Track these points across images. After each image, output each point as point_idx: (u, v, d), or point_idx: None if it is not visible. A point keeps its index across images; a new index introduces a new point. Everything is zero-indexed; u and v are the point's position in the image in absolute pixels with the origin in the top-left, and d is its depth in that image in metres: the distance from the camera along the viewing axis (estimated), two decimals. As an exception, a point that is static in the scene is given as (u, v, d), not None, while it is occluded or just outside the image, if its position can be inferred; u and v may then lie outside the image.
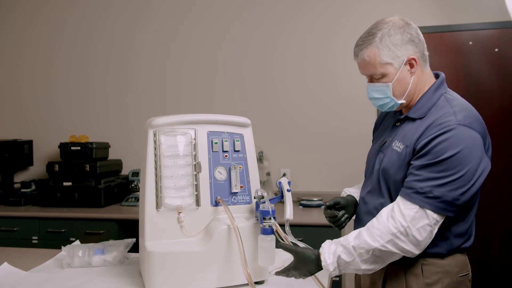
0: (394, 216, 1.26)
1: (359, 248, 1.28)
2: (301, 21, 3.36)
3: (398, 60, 1.35)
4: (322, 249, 1.33)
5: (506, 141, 3.02)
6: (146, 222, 1.45)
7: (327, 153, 3.30)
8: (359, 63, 1.42)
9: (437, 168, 1.24)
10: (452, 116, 1.28)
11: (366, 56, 1.37)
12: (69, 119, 3.70)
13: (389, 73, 1.36)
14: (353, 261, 1.29)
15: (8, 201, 3.26)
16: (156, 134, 1.48)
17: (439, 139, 1.25)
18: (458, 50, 3.15)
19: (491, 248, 3.11)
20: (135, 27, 3.61)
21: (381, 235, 1.26)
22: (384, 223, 1.26)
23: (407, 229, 1.24)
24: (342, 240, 1.32)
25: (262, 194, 1.42)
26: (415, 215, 1.24)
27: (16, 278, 1.59)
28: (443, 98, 1.37)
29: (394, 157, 1.36)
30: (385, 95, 1.38)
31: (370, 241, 1.26)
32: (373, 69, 1.37)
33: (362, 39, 1.39)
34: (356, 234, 1.31)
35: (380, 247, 1.26)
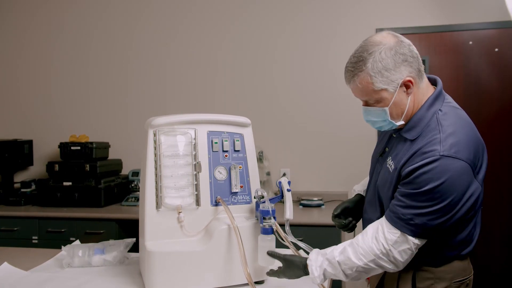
0: (378, 237, 1.28)
1: (343, 264, 1.31)
2: (301, 21, 3.36)
3: (393, 84, 1.27)
4: (310, 261, 1.35)
5: (506, 141, 3.02)
6: (146, 222, 1.45)
7: (327, 153, 3.30)
8: (351, 89, 1.35)
9: (419, 198, 1.23)
10: (438, 146, 1.22)
11: (359, 83, 1.29)
12: (69, 119, 3.70)
13: (385, 98, 1.29)
14: (338, 273, 1.32)
15: (8, 201, 3.26)
16: (156, 134, 1.48)
17: (422, 170, 1.22)
18: (458, 50, 3.15)
19: (491, 248, 3.11)
20: (135, 27, 3.61)
21: (365, 254, 1.28)
22: (368, 243, 1.29)
23: (388, 252, 1.26)
24: (328, 253, 1.34)
25: (262, 194, 1.42)
26: (397, 240, 1.26)
27: (16, 278, 1.59)
28: (434, 118, 1.30)
29: (386, 176, 1.36)
30: (382, 118, 1.33)
31: (354, 259, 1.29)
32: (367, 95, 1.31)
33: (352, 65, 1.31)
34: (341, 249, 1.33)
35: (362, 265, 1.29)
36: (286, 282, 1.51)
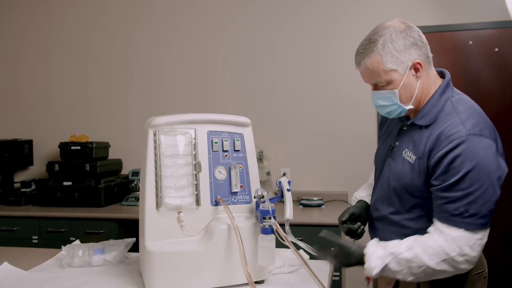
0: (446, 238, 1.23)
1: (411, 262, 1.24)
2: (301, 21, 3.36)
3: (403, 66, 1.31)
4: (368, 250, 1.30)
5: (506, 141, 3.01)
6: (146, 221, 1.45)
7: (327, 153, 3.30)
8: (361, 72, 1.37)
9: (461, 186, 1.21)
10: (461, 126, 1.25)
11: (369, 65, 1.32)
12: (69, 118, 3.70)
13: (395, 79, 1.32)
14: (400, 271, 1.26)
15: (8, 201, 3.26)
16: (156, 133, 1.48)
17: (453, 154, 1.22)
18: (458, 50, 3.15)
19: (491, 248, 3.09)
20: (135, 27, 3.61)
21: (436, 254, 1.23)
22: (438, 242, 1.24)
23: (461, 250, 1.22)
24: (391, 247, 1.28)
25: (262, 193, 1.42)
26: (463, 235, 1.22)
27: (16, 277, 1.59)
28: (449, 103, 1.33)
29: (407, 168, 1.34)
30: (392, 102, 1.34)
31: (425, 258, 1.23)
32: (377, 77, 1.33)
33: (363, 47, 1.34)
34: (408, 245, 1.27)
35: (434, 265, 1.23)
36: (286, 282, 1.51)
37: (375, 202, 1.50)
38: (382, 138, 1.57)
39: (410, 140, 1.37)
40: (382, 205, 1.45)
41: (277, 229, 1.40)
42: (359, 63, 1.36)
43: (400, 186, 1.37)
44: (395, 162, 1.41)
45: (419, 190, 1.32)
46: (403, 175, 1.35)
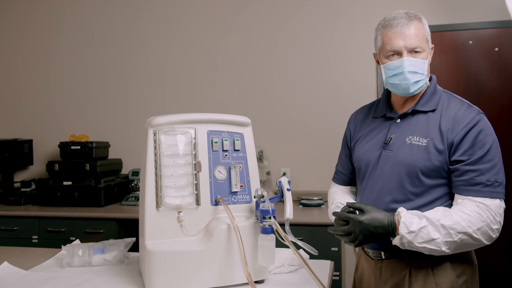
0: (481, 207, 1.29)
1: (450, 228, 1.26)
2: (301, 21, 3.36)
3: (430, 42, 1.44)
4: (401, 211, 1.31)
5: (506, 141, 3.02)
6: (146, 221, 1.45)
7: (327, 153, 3.30)
8: (402, 34, 1.39)
9: (488, 157, 1.32)
10: (472, 108, 1.38)
11: (414, 28, 1.39)
12: (69, 118, 3.70)
13: (426, 50, 1.42)
14: (437, 239, 1.26)
15: (8, 201, 3.26)
16: (156, 133, 1.48)
17: (476, 129, 1.33)
18: (458, 49, 3.15)
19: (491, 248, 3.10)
20: (135, 27, 3.61)
21: (473, 222, 1.27)
22: (475, 210, 1.28)
23: (495, 217, 1.29)
24: (426, 213, 1.29)
25: (262, 193, 1.42)
26: (495, 204, 1.30)
27: (16, 277, 1.59)
28: (444, 93, 1.45)
29: (419, 151, 1.37)
30: (423, 71, 1.41)
31: (464, 224, 1.26)
32: (419, 41, 1.40)
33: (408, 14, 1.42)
34: (443, 213, 1.28)
35: (472, 233, 1.26)
36: (286, 282, 1.51)
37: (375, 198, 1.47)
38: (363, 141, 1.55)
39: (414, 128, 1.42)
40: (385, 199, 1.43)
41: (277, 229, 1.40)
42: (404, 24, 1.39)
43: (415, 170, 1.37)
44: (398, 151, 1.41)
45: (436, 170, 1.36)
46: (417, 159, 1.37)
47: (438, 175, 1.36)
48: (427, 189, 1.37)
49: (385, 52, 1.42)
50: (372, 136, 1.53)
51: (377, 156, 1.47)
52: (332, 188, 1.74)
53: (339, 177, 1.72)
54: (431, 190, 1.37)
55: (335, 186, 1.73)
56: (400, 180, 1.40)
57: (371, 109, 1.61)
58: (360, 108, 1.69)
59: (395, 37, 1.39)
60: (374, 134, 1.53)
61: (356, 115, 1.67)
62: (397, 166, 1.40)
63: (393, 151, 1.42)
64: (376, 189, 1.47)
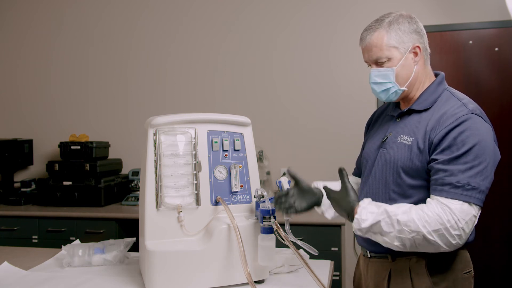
0: (444, 209, 1.23)
1: (404, 225, 1.23)
2: (301, 20, 3.36)
3: (404, 46, 1.38)
4: (362, 202, 1.31)
5: (506, 140, 3.02)
6: (146, 221, 1.45)
7: (328, 152, 3.30)
8: (364, 48, 1.42)
9: (466, 159, 1.25)
10: (463, 107, 1.32)
11: (374, 39, 1.39)
12: (69, 118, 3.70)
13: (394, 57, 1.38)
14: (389, 233, 1.25)
15: (8, 200, 3.26)
16: (156, 133, 1.48)
17: (458, 129, 1.27)
18: (458, 49, 3.15)
19: (491, 248, 3.11)
20: (135, 26, 3.61)
21: (430, 222, 1.22)
22: (435, 211, 1.23)
23: (457, 223, 1.21)
24: (387, 207, 1.28)
25: (262, 193, 1.42)
26: (462, 208, 1.23)
27: (16, 277, 1.59)
28: (446, 92, 1.41)
29: (403, 150, 1.36)
30: (388, 79, 1.39)
31: (419, 224, 1.22)
32: (379, 51, 1.38)
33: (370, 25, 1.42)
34: (404, 209, 1.26)
35: (426, 234, 1.21)
36: (286, 282, 1.51)
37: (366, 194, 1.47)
38: (370, 139, 1.58)
39: (406, 127, 1.41)
40: (377, 194, 1.43)
41: (277, 229, 1.40)
42: (364, 38, 1.41)
43: (397, 168, 1.37)
44: (389, 149, 1.42)
45: (417, 170, 1.33)
46: (399, 157, 1.37)
47: (419, 175, 1.34)
48: (410, 190, 1.35)
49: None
50: (377, 135, 1.54)
51: (375, 154, 1.48)
52: None
53: (355, 170, 1.75)
54: (414, 191, 1.35)
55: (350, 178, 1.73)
56: (386, 179, 1.40)
57: (388, 107, 1.61)
58: (382, 105, 1.70)
59: (363, 51, 1.44)
60: (378, 132, 1.54)
61: (375, 112, 1.68)
62: (386, 165, 1.41)
63: (387, 149, 1.43)
64: (367, 188, 1.49)
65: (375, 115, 1.67)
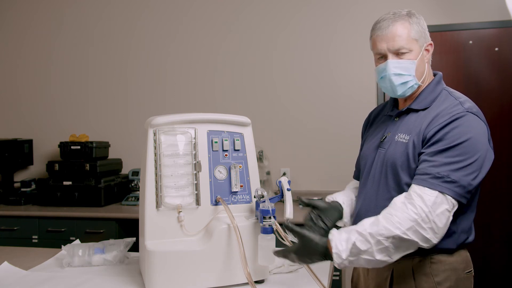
0: (414, 202, 1.22)
1: (377, 234, 1.20)
2: (301, 20, 3.36)
3: (423, 40, 1.40)
4: (332, 235, 1.25)
5: (506, 140, 3.02)
6: (146, 221, 1.45)
7: (328, 152, 3.30)
8: (383, 36, 1.39)
9: (452, 153, 1.25)
10: (460, 106, 1.33)
11: (400, 27, 1.37)
12: (69, 118, 3.70)
13: (415, 50, 1.38)
14: (368, 249, 1.21)
15: (8, 200, 3.26)
16: (156, 133, 1.48)
17: (451, 125, 1.28)
18: (458, 49, 3.15)
19: (491, 248, 3.11)
20: (135, 26, 3.61)
21: (401, 222, 1.20)
22: (403, 209, 1.22)
23: (428, 215, 1.20)
24: (355, 227, 1.24)
25: (262, 193, 1.42)
26: (435, 200, 1.21)
27: (16, 277, 1.59)
28: (444, 92, 1.42)
29: (400, 148, 1.37)
30: (409, 72, 1.38)
31: (390, 227, 1.20)
32: (402, 42, 1.37)
33: (390, 15, 1.40)
34: (372, 221, 1.24)
35: (401, 234, 1.19)
36: (287, 282, 1.51)
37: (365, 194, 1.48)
38: (368, 139, 1.58)
39: (404, 126, 1.41)
40: (376, 194, 1.43)
41: (277, 229, 1.40)
42: (386, 27, 1.39)
43: (395, 168, 1.37)
44: (388, 148, 1.42)
45: (412, 168, 1.33)
46: (397, 155, 1.37)
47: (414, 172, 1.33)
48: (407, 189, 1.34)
49: (374, 56, 1.46)
50: (375, 135, 1.54)
51: (374, 154, 1.48)
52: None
53: (355, 173, 1.73)
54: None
55: (350, 182, 1.73)
56: (386, 178, 1.40)
57: (384, 107, 1.62)
58: (377, 106, 1.70)
59: (379, 40, 1.40)
60: (376, 132, 1.54)
61: (371, 114, 1.68)
62: (385, 163, 1.41)
63: (385, 149, 1.43)
64: (368, 187, 1.48)
65: (371, 116, 1.67)
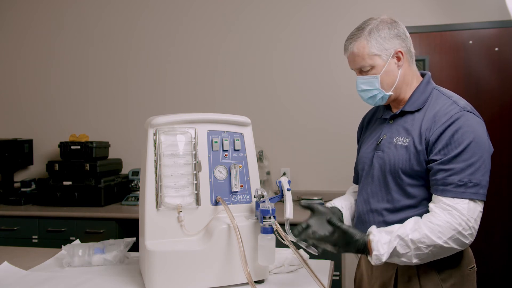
0: (452, 213, 1.25)
1: (418, 242, 1.24)
2: (301, 20, 3.36)
3: (386, 53, 1.40)
4: (373, 236, 1.29)
5: (506, 140, 3.02)
6: (146, 221, 1.45)
7: (328, 152, 3.30)
8: (348, 57, 1.46)
9: (464, 157, 1.27)
10: (455, 105, 1.34)
11: (356, 49, 1.42)
12: (69, 118, 3.70)
13: (377, 64, 1.41)
14: (407, 253, 1.26)
15: (8, 200, 3.26)
16: (156, 133, 1.48)
17: (453, 127, 1.29)
18: (458, 49, 3.15)
19: (491, 247, 3.11)
20: (135, 27, 3.61)
21: (443, 232, 1.24)
22: (443, 219, 1.25)
23: (467, 222, 1.24)
24: (397, 230, 1.28)
25: (262, 193, 1.42)
26: (468, 207, 1.25)
27: (16, 277, 1.59)
28: (435, 91, 1.44)
29: (401, 151, 1.38)
30: (374, 86, 1.43)
31: (432, 237, 1.24)
32: (362, 61, 1.42)
33: (352, 34, 1.45)
34: (413, 226, 1.27)
35: (442, 243, 1.24)
36: (286, 282, 1.51)
37: (365, 197, 1.49)
38: (364, 143, 1.59)
39: (400, 128, 1.42)
40: (376, 196, 1.45)
41: (277, 229, 1.40)
42: (347, 48, 1.45)
43: (396, 170, 1.38)
44: (386, 151, 1.43)
45: (416, 170, 1.35)
46: (398, 158, 1.38)
47: (419, 175, 1.35)
48: (411, 190, 1.37)
49: None
50: (371, 138, 1.55)
51: (371, 157, 1.49)
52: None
53: (355, 177, 1.75)
54: (415, 191, 1.37)
55: (350, 187, 1.76)
56: (386, 180, 1.41)
57: (377, 110, 1.63)
58: (370, 109, 1.70)
59: (348, 60, 1.48)
60: (372, 135, 1.55)
61: (365, 117, 1.71)
62: (384, 167, 1.42)
63: (383, 151, 1.44)
64: (368, 189, 1.49)
65: (365, 119, 1.69)
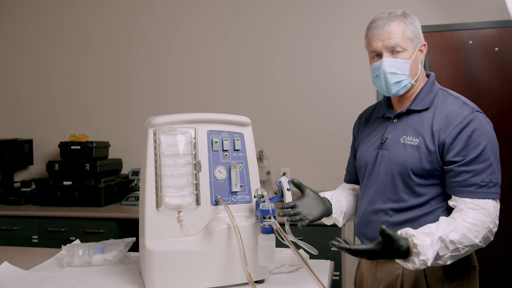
0: (483, 212, 1.28)
1: (458, 243, 1.22)
2: (301, 20, 3.36)
3: (417, 41, 1.41)
4: (417, 239, 1.18)
5: (506, 140, 3.02)
6: (146, 221, 1.45)
7: (328, 152, 3.30)
8: (379, 35, 1.40)
9: (483, 158, 1.29)
10: (466, 106, 1.36)
11: (395, 26, 1.38)
12: (69, 118, 3.70)
13: (409, 49, 1.39)
14: (444, 255, 1.22)
15: (8, 200, 3.26)
16: (156, 133, 1.48)
17: (469, 128, 1.30)
18: (458, 49, 3.15)
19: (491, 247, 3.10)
20: (135, 26, 3.61)
21: (479, 231, 1.25)
22: (478, 217, 1.27)
23: (495, 220, 1.30)
24: (438, 232, 1.21)
25: (262, 193, 1.42)
26: (493, 206, 1.30)
27: (16, 277, 1.59)
28: (441, 91, 1.43)
29: (410, 151, 1.37)
30: (403, 71, 1.39)
31: (471, 237, 1.24)
32: (398, 40, 1.38)
33: (386, 15, 1.42)
34: (451, 227, 1.23)
35: (478, 242, 1.25)
36: (287, 282, 1.51)
37: (370, 197, 1.48)
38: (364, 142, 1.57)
39: (408, 127, 1.41)
40: (381, 196, 1.44)
41: (277, 229, 1.40)
42: (382, 26, 1.40)
43: (406, 170, 1.37)
44: (392, 151, 1.41)
45: (427, 170, 1.35)
46: (408, 158, 1.37)
47: (430, 175, 1.35)
48: (420, 189, 1.37)
49: (369, 54, 1.46)
50: (372, 137, 1.54)
51: (374, 156, 1.48)
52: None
53: (347, 177, 1.74)
54: (424, 190, 1.37)
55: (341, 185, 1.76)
56: (393, 180, 1.41)
57: (375, 109, 1.62)
58: (366, 108, 1.70)
59: (374, 38, 1.41)
60: (374, 134, 1.54)
61: (361, 116, 1.69)
62: (391, 166, 1.41)
63: (389, 150, 1.43)
64: (372, 189, 1.48)
65: (362, 118, 1.67)
